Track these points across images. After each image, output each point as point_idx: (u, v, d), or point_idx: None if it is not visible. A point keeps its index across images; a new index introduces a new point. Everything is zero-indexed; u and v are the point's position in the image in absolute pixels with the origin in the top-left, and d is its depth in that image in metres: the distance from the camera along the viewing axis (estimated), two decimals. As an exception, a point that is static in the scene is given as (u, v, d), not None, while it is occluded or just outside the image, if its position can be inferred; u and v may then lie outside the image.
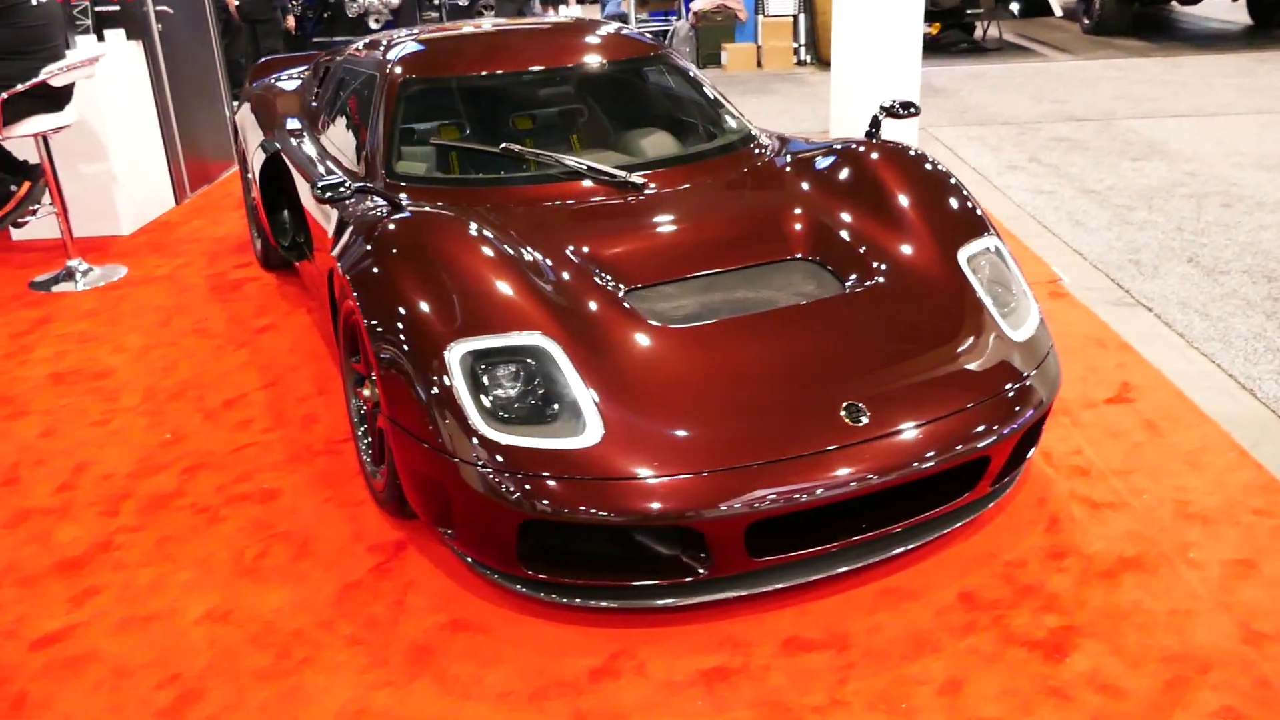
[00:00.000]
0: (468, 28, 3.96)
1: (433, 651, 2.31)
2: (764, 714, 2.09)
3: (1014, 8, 13.01)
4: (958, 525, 2.53)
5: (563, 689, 2.18)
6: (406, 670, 2.26)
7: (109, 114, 5.54)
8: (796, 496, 2.20)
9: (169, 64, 6.29)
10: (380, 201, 2.90)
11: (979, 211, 2.98)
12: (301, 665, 2.28)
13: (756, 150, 3.41)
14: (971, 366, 2.53)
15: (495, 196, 3.08)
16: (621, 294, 2.63)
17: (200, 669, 2.29)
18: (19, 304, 4.68)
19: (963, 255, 2.81)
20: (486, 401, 2.29)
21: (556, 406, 2.29)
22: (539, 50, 3.68)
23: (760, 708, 2.11)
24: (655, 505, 2.16)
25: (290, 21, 9.89)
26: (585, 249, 2.79)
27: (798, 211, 3.01)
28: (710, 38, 11.04)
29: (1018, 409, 2.48)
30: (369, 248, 2.66)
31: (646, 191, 3.11)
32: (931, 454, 2.31)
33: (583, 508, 2.16)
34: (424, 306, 2.43)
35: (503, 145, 3.24)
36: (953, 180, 3.08)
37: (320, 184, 2.75)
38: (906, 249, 2.81)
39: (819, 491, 2.21)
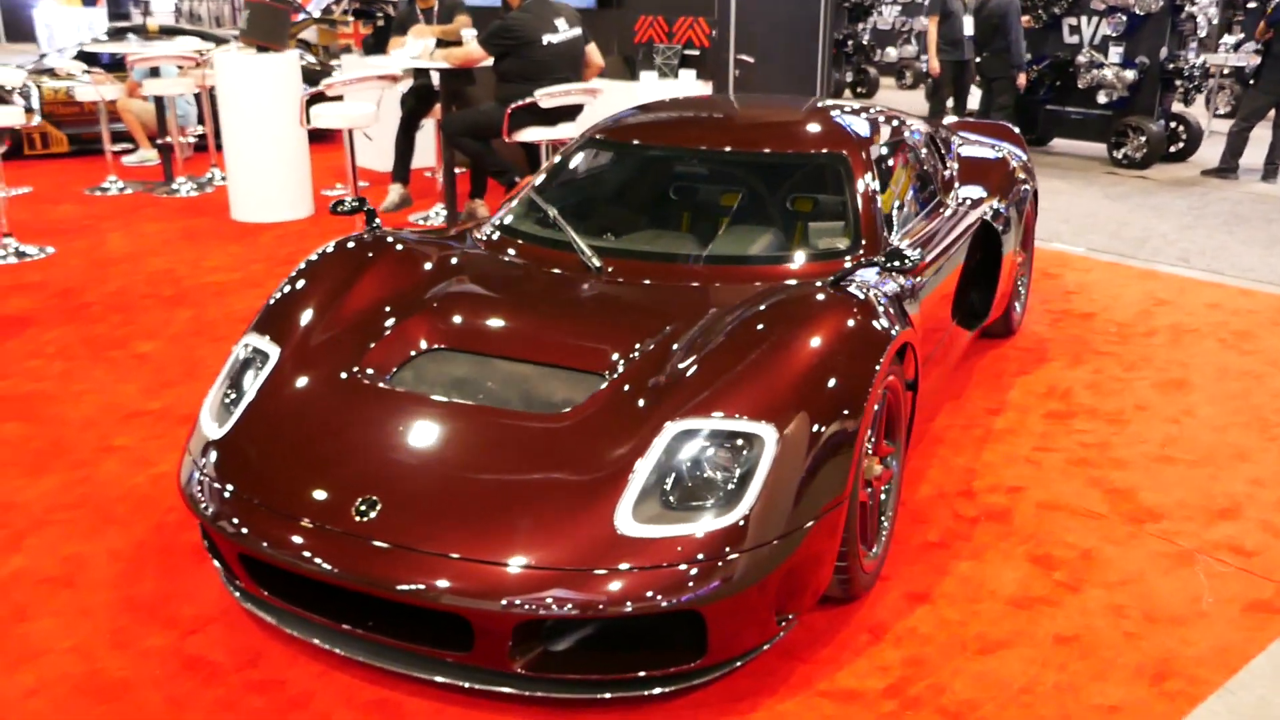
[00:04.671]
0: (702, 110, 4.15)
1: None
2: None
3: None
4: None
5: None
6: None
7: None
8: (267, 547, 2.40)
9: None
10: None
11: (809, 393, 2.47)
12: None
13: (805, 270, 3.17)
14: (556, 530, 2.29)
15: (524, 251, 3.43)
16: (422, 347, 2.91)
17: None
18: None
19: (673, 428, 2.42)
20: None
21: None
22: (723, 131, 3.80)
23: None
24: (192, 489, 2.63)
25: (1022, 80, 9.99)
26: (468, 303, 3.09)
27: (664, 332, 2.83)
28: None
29: (552, 594, 2.20)
30: None
31: (602, 276, 3.19)
32: (406, 585, 2.25)
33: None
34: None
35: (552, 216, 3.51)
36: (836, 359, 2.57)
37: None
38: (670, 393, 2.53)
39: (281, 553, 2.38)
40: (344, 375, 2.79)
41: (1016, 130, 5.74)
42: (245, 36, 7.33)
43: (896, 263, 2.90)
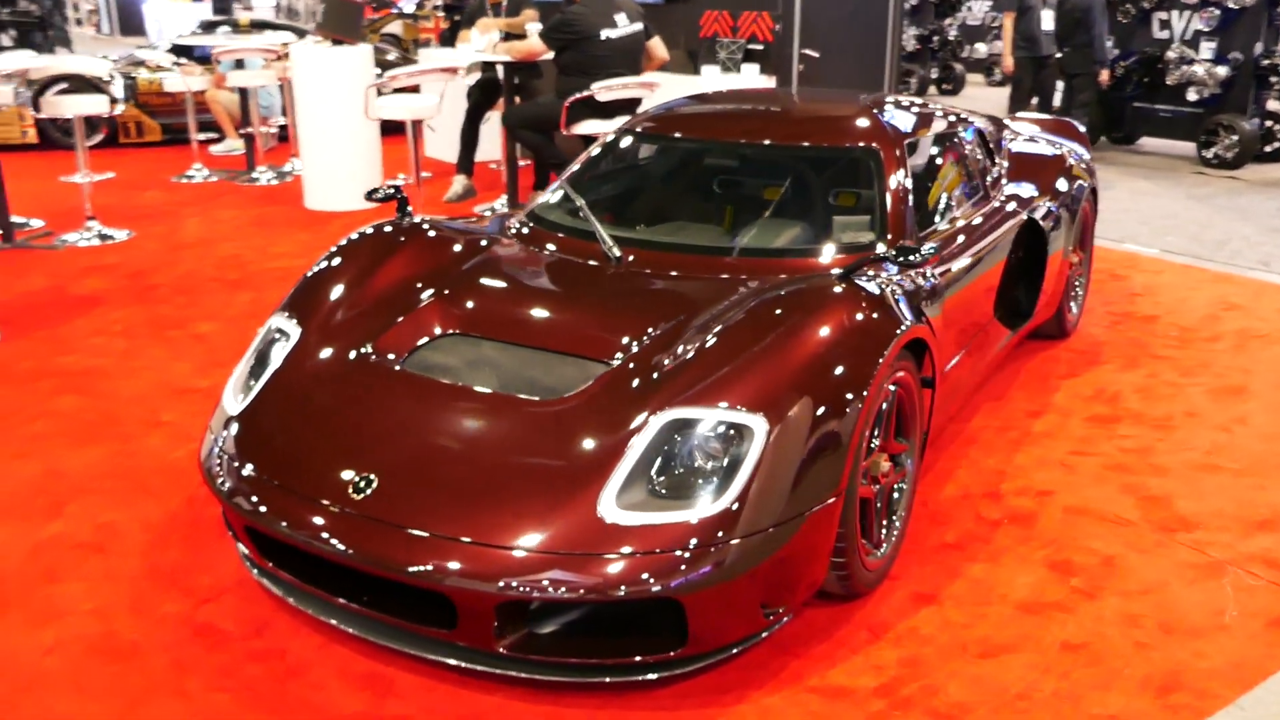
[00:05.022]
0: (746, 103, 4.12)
1: None
2: None
3: None
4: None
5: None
6: None
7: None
8: (270, 519, 2.47)
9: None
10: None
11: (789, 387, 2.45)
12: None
13: (828, 261, 3.14)
14: (541, 512, 2.31)
15: (551, 240, 3.45)
16: (438, 331, 2.96)
17: None
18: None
19: (665, 416, 2.42)
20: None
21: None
22: (757, 124, 3.79)
23: None
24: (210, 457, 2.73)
25: (1105, 75, 9.66)
26: (487, 290, 3.14)
27: (672, 322, 2.83)
28: None
29: (530, 577, 2.22)
30: None
31: (621, 265, 3.21)
32: (391, 561, 2.30)
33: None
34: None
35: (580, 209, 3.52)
36: (838, 347, 2.55)
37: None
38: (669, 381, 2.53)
39: (278, 526, 2.45)
40: (357, 356, 2.85)
41: (1082, 129, 5.58)
42: (320, 30, 7.53)
43: (905, 258, 2.85)
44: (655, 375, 2.58)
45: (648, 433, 2.42)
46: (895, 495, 2.97)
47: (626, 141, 3.93)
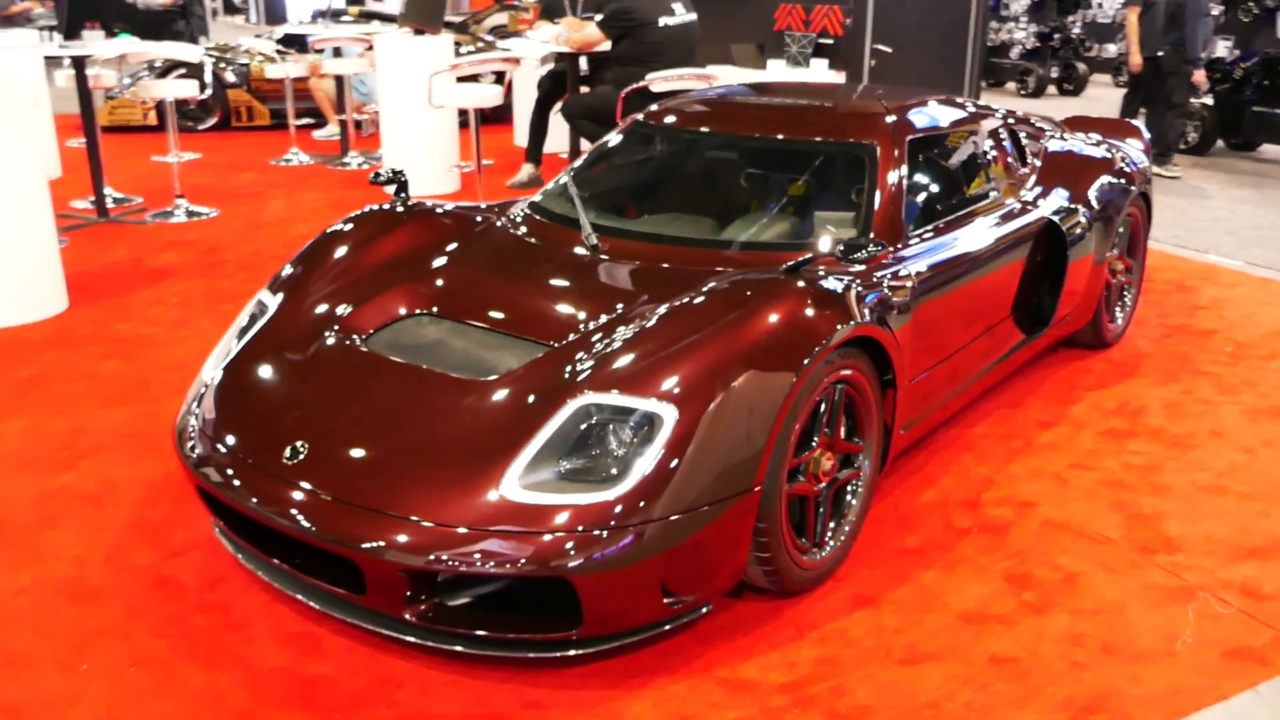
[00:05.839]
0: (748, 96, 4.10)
1: None
2: None
3: None
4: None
5: (156, 533, 3.05)
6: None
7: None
8: (215, 482, 2.62)
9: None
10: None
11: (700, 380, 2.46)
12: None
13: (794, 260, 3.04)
14: (446, 486, 2.39)
15: (541, 228, 3.52)
16: (402, 313, 3.07)
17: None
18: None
19: (580, 400, 2.46)
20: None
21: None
22: (758, 118, 3.78)
23: (146, 610, 2.69)
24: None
25: (1199, 76, 9.14)
26: (462, 273, 3.24)
27: (621, 309, 2.87)
28: None
29: (427, 548, 2.30)
30: None
31: (596, 254, 3.26)
32: (307, 524, 2.41)
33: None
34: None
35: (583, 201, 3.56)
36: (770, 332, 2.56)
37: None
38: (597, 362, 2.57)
39: (219, 487, 2.59)
40: (321, 332, 2.98)
41: (1147, 134, 5.32)
42: (403, 20, 7.78)
43: (849, 255, 2.80)
44: (584, 360, 2.62)
45: (561, 415, 2.46)
46: (848, 497, 2.94)
47: (632, 134, 3.97)
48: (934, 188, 3.66)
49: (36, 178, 4.95)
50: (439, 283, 3.18)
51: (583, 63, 7.16)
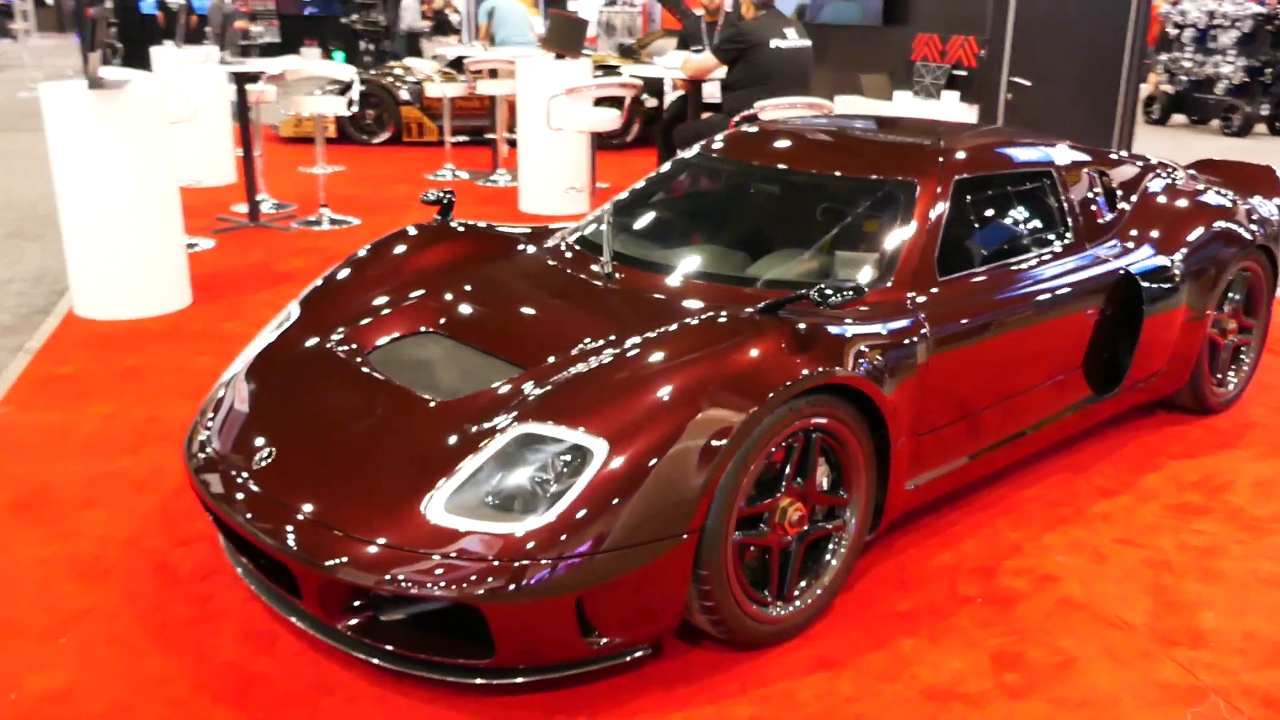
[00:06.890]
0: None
1: None
2: None
3: None
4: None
5: (176, 522, 3.25)
6: None
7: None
8: (200, 480, 2.75)
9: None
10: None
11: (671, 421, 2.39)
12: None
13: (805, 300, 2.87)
14: (380, 503, 2.43)
15: (572, 255, 3.54)
16: (401, 331, 3.16)
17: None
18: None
19: (519, 429, 2.45)
20: None
21: None
22: (803, 153, 3.69)
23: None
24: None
25: None
26: (474, 295, 3.29)
27: (603, 341, 2.84)
28: None
29: (351, 562, 2.34)
30: None
31: (609, 283, 3.24)
32: (256, 526, 2.50)
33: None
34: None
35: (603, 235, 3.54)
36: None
37: None
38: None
39: (199, 482, 2.73)
40: (325, 343, 3.10)
41: None
42: (545, 44, 8.00)
43: (824, 300, 2.65)
44: (535, 388, 2.61)
45: (498, 442, 2.46)
46: (828, 557, 2.80)
47: (680, 166, 3.95)
48: (982, 232, 3.45)
49: (168, 184, 5.38)
50: (453, 301, 3.25)
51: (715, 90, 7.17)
